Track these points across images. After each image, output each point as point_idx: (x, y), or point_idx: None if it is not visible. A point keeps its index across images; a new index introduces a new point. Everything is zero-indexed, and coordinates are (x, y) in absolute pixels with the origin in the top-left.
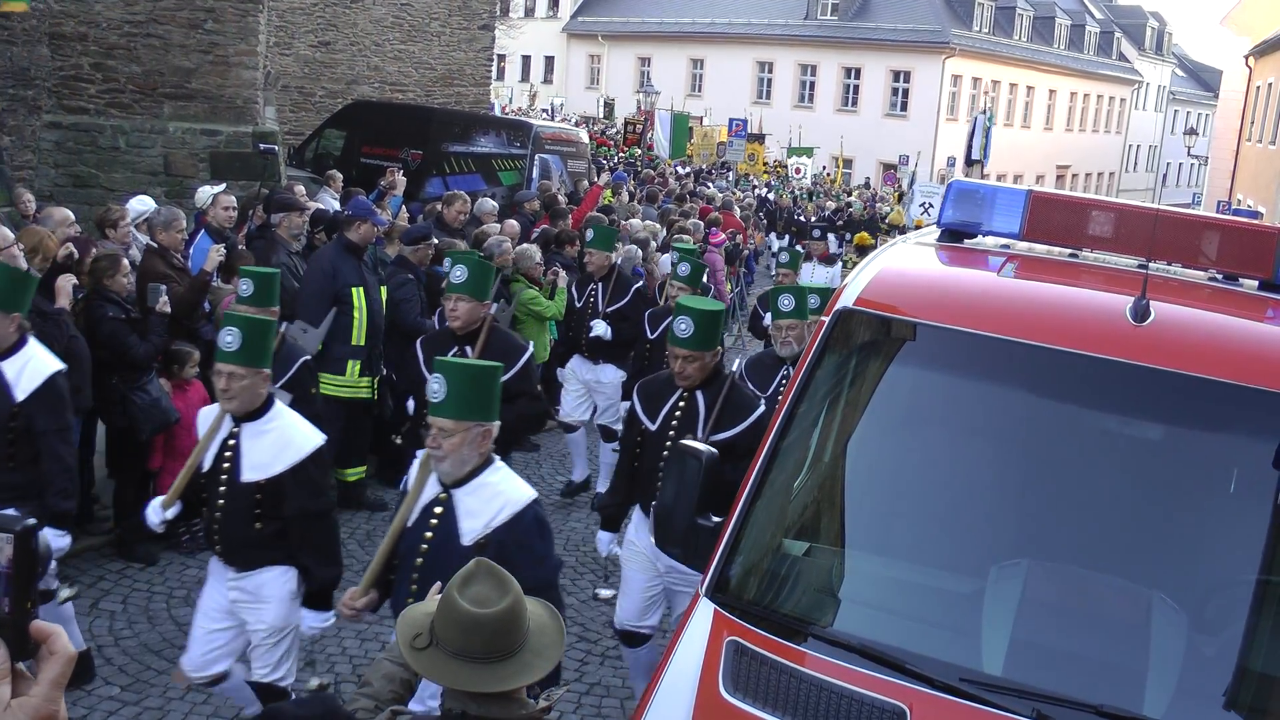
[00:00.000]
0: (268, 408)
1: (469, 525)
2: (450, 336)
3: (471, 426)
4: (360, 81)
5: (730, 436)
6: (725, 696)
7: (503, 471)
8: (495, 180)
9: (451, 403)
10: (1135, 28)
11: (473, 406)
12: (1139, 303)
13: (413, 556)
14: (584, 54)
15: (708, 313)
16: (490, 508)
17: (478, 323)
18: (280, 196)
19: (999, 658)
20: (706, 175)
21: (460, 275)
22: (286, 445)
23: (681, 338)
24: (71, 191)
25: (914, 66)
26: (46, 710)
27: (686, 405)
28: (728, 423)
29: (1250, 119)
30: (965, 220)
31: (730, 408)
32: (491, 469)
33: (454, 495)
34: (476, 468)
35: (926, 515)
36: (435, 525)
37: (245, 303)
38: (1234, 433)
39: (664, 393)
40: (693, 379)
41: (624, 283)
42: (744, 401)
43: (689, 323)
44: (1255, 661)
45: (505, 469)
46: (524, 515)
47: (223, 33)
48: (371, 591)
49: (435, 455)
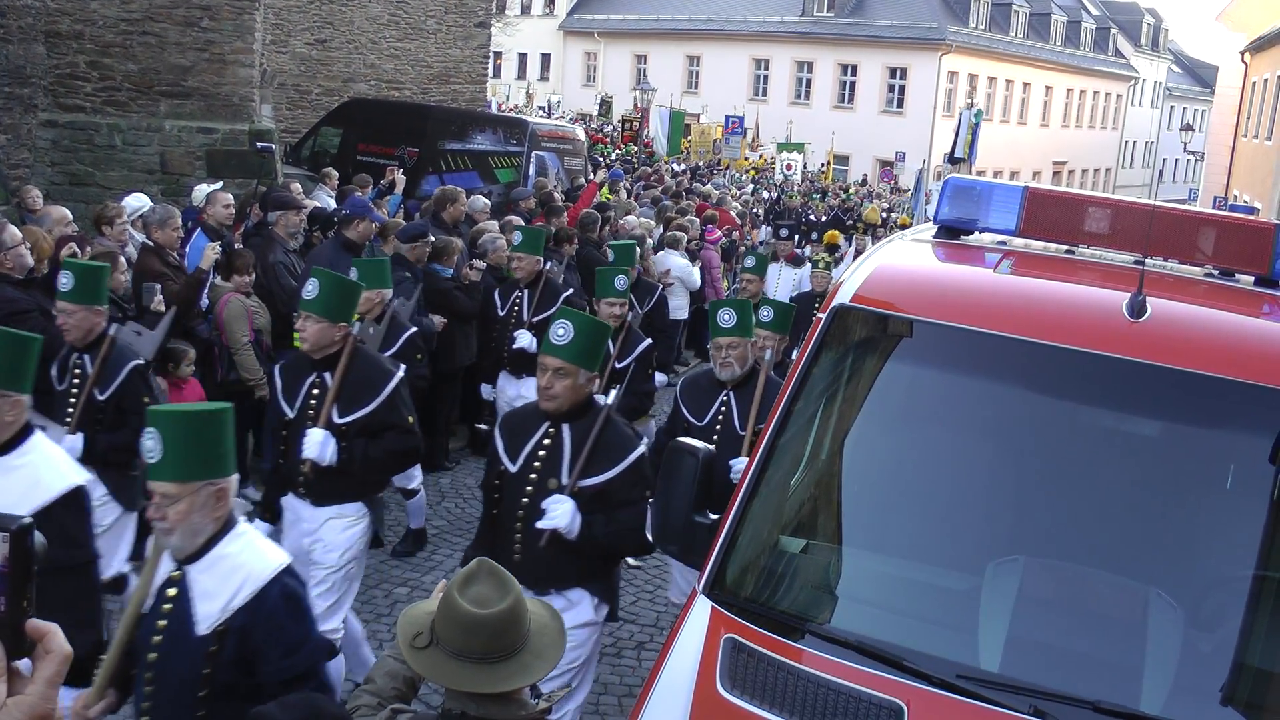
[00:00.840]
0: (22, 438)
1: (205, 610)
2: (309, 362)
3: (200, 488)
4: (356, 79)
5: (600, 483)
6: (722, 693)
7: (245, 538)
8: (492, 178)
9: (171, 462)
10: (1131, 24)
11: (198, 463)
12: (1135, 299)
13: (145, 650)
14: (580, 51)
15: (592, 322)
16: (229, 586)
17: (334, 346)
18: (277, 195)
19: (996, 654)
20: (703, 174)
21: (311, 291)
22: (34, 485)
23: (556, 344)
24: (68, 190)
25: (910, 63)
26: (43, 709)
27: (551, 443)
28: (599, 465)
29: (1246, 115)
30: (962, 217)
31: (603, 448)
32: (230, 536)
33: (187, 574)
34: (212, 537)
35: (924, 512)
36: (169, 611)
37: (65, 299)
38: (1230, 428)
39: (528, 427)
40: (559, 401)
41: (553, 289)
42: (619, 440)
43: (568, 329)
44: (1252, 657)
45: (250, 533)
46: (268, 592)
47: (219, 31)
48: (109, 692)
49: (160, 528)
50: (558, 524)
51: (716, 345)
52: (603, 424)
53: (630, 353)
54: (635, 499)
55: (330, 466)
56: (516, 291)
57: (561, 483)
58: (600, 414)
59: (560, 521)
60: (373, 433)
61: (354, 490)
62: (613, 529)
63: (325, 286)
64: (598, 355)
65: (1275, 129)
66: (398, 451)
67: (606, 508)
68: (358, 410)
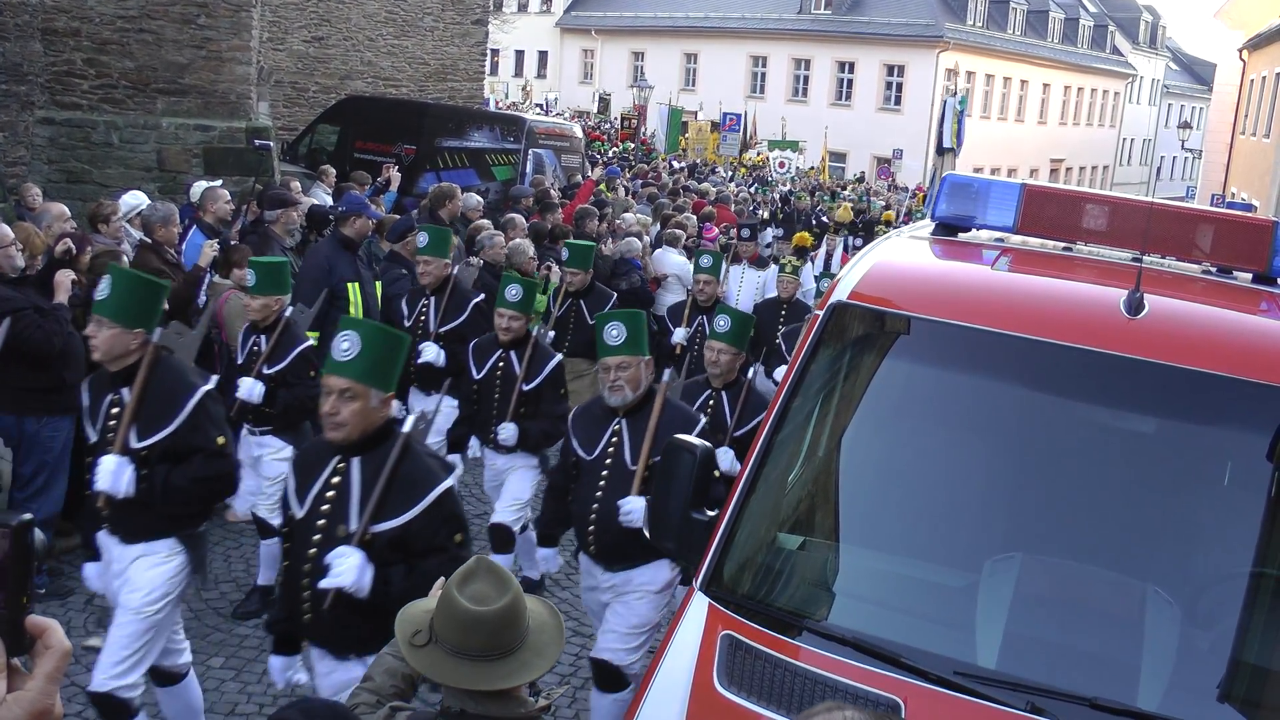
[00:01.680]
0: None
1: None
2: (108, 376)
3: None
4: (354, 76)
5: (397, 527)
6: (720, 690)
7: None
8: (489, 175)
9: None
10: (1129, 21)
11: None
12: (1133, 296)
13: None
14: (577, 49)
15: (384, 333)
16: None
17: (131, 356)
18: (275, 192)
19: (993, 651)
20: (701, 171)
21: (103, 291)
22: None
23: (340, 360)
24: (65, 187)
25: (908, 60)
26: (42, 704)
27: (340, 481)
28: (395, 506)
29: (1244, 112)
30: (959, 214)
31: (400, 484)
32: None
33: None
34: None
35: (921, 509)
36: None
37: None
38: (1228, 426)
39: (318, 462)
40: (347, 429)
41: (461, 297)
42: (419, 474)
43: (354, 340)
44: (1249, 654)
45: None
46: None
47: (216, 28)
48: None
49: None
50: (342, 582)
51: (604, 366)
52: (399, 456)
53: (539, 373)
54: (442, 544)
55: (130, 499)
56: (423, 299)
57: (350, 529)
58: (398, 441)
59: (345, 579)
60: (178, 457)
61: (162, 525)
62: (415, 583)
63: (118, 285)
64: (392, 373)
65: (1273, 126)
66: (205, 478)
67: (408, 556)
68: (158, 432)
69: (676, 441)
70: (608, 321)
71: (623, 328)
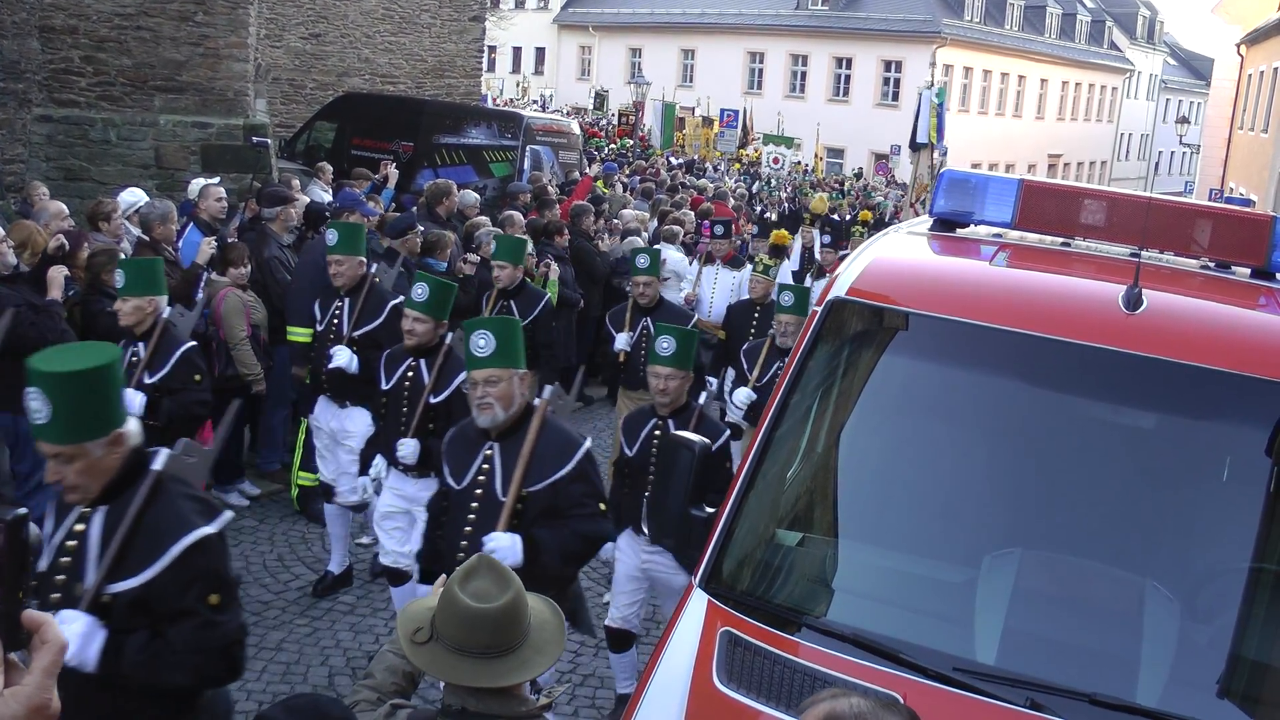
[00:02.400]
0: None
1: None
2: None
3: None
4: (351, 74)
5: (136, 587)
6: (719, 687)
7: None
8: (487, 172)
9: None
10: (1126, 16)
11: None
12: (1131, 291)
13: None
14: (575, 45)
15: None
16: None
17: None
18: (273, 190)
19: (992, 647)
20: (699, 168)
21: None
22: None
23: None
24: (63, 185)
25: (905, 56)
26: (39, 699)
27: (81, 533)
28: (136, 562)
29: (1242, 107)
30: (957, 209)
31: (143, 536)
32: None
33: None
34: None
35: (920, 505)
36: None
37: None
38: (1226, 421)
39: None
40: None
41: (378, 298)
42: (168, 523)
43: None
44: (1248, 649)
45: None
46: None
47: (213, 25)
48: None
49: None
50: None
51: (471, 381)
52: (145, 502)
53: (448, 384)
54: (190, 607)
55: None
56: (337, 301)
57: (85, 588)
58: (150, 480)
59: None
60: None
61: None
62: (155, 653)
63: None
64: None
65: (1271, 121)
66: None
67: (154, 620)
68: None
69: (675, 438)
70: (476, 329)
71: (491, 337)
